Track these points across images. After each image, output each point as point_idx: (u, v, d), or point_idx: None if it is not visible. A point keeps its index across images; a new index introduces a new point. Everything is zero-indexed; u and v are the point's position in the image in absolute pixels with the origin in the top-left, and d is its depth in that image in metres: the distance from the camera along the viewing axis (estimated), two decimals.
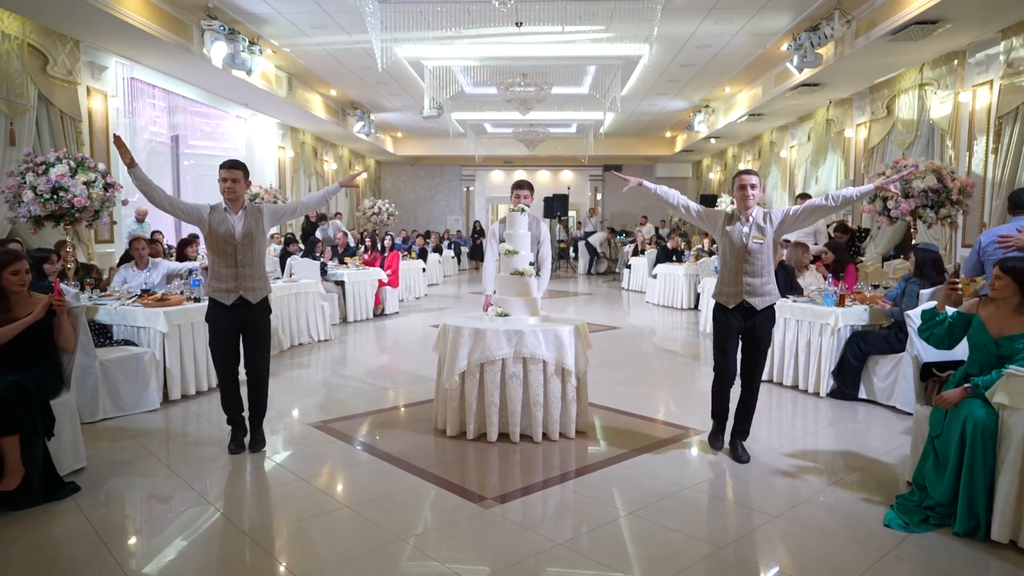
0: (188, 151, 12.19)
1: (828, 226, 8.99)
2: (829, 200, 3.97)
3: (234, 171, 4.13)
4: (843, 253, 7.44)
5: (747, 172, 4.06)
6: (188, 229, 9.55)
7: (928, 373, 3.68)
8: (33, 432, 3.40)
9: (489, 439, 4.36)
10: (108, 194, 6.04)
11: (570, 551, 3.00)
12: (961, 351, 3.51)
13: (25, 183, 5.66)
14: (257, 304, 4.16)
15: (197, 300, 5.65)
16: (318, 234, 11.86)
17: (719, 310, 4.13)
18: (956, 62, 8.57)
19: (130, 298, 5.62)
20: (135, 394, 5.00)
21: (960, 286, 3.36)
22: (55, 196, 5.67)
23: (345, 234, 11.62)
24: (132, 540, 3.13)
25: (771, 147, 15.32)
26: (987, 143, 7.97)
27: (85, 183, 5.79)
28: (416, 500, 3.56)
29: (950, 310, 3.40)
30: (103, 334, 5.31)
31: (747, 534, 3.19)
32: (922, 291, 4.97)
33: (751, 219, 4.02)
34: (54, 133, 7.88)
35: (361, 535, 3.15)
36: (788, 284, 6.11)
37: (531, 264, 4.69)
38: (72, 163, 5.83)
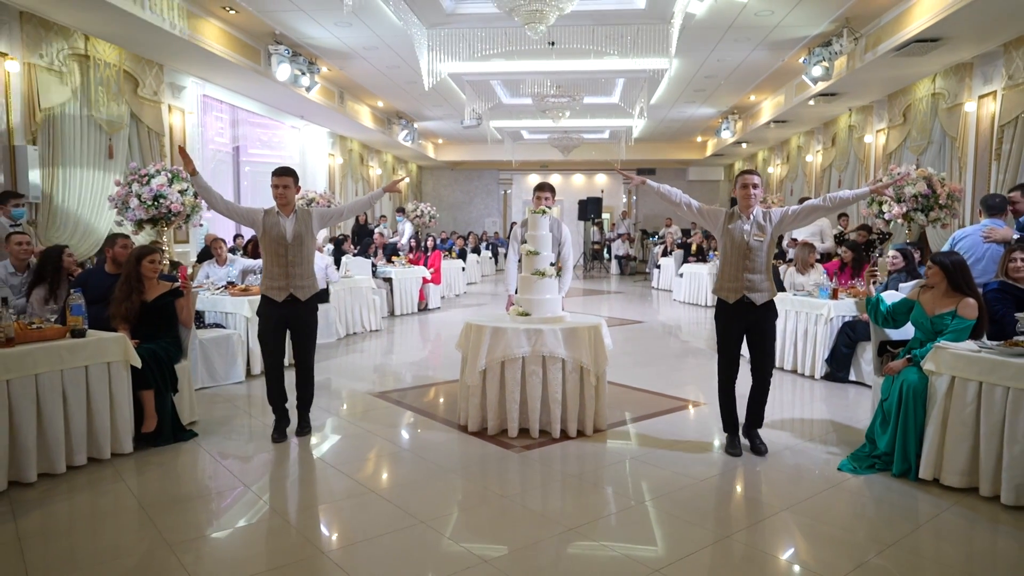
0: (247, 159, 13.34)
1: (845, 229, 9.56)
2: (826, 201, 4.16)
3: (285, 177, 4.41)
4: (860, 252, 8.08)
5: (749, 172, 4.17)
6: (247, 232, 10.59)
7: (884, 349, 4.41)
8: (164, 388, 4.37)
9: (510, 435, 4.49)
10: (198, 200, 7.06)
11: (581, 481, 3.84)
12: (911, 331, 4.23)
13: (131, 191, 6.72)
14: (306, 301, 4.43)
15: None
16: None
17: (721, 306, 4.25)
18: (964, 73, 9.11)
19: (218, 289, 6.63)
20: (225, 368, 6.00)
21: (878, 273, 4.09)
22: (156, 202, 6.71)
23: (381, 234, 12.58)
24: (243, 466, 4.07)
25: (798, 151, 15.84)
26: (991, 150, 8.51)
27: (180, 191, 6.83)
28: (461, 446, 4.43)
29: (894, 296, 4.12)
30: (197, 318, 6.30)
31: (725, 471, 3.98)
32: (901, 284, 5.65)
33: (752, 217, 4.13)
34: (142, 147, 8.97)
35: (421, 467, 4.05)
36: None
37: (552, 265, 4.80)
38: (169, 174, 6.88)
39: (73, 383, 3.84)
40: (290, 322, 4.46)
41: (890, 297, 4.33)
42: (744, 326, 4.19)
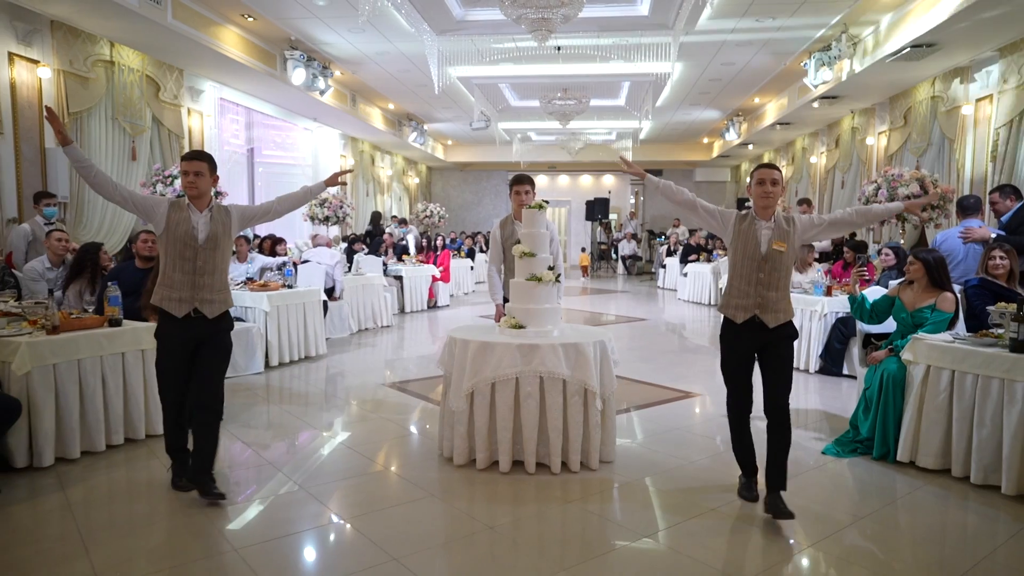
0: (260, 160, 13.69)
1: None
2: (855, 215, 3.55)
3: (196, 163, 3.49)
4: (864, 251, 8.34)
5: (767, 166, 3.45)
6: (270, 229, 10.91)
7: (868, 341, 4.66)
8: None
9: (501, 469, 3.88)
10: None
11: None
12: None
13: (156, 192, 7.05)
14: (214, 319, 3.53)
15: (290, 287, 6.97)
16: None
17: (726, 327, 3.51)
18: (961, 77, 9.32)
19: (237, 284, 6.95)
20: (246, 359, 6.31)
21: (866, 273, 4.33)
22: None
23: (391, 234, 12.91)
24: (267, 447, 4.37)
25: (803, 153, 16.04)
26: (987, 152, 8.72)
27: None
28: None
29: (877, 292, 4.37)
30: None
31: (717, 454, 4.26)
32: (891, 281, 5.89)
33: (772, 221, 3.40)
34: (163, 149, 9.32)
35: (436, 449, 4.34)
36: None
37: (550, 268, 4.16)
38: None
39: (111, 368, 4.16)
40: (197, 344, 3.52)
41: (873, 295, 4.58)
42: (754, 350, 3.46)
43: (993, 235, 5.08)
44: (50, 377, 3.85)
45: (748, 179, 3.40)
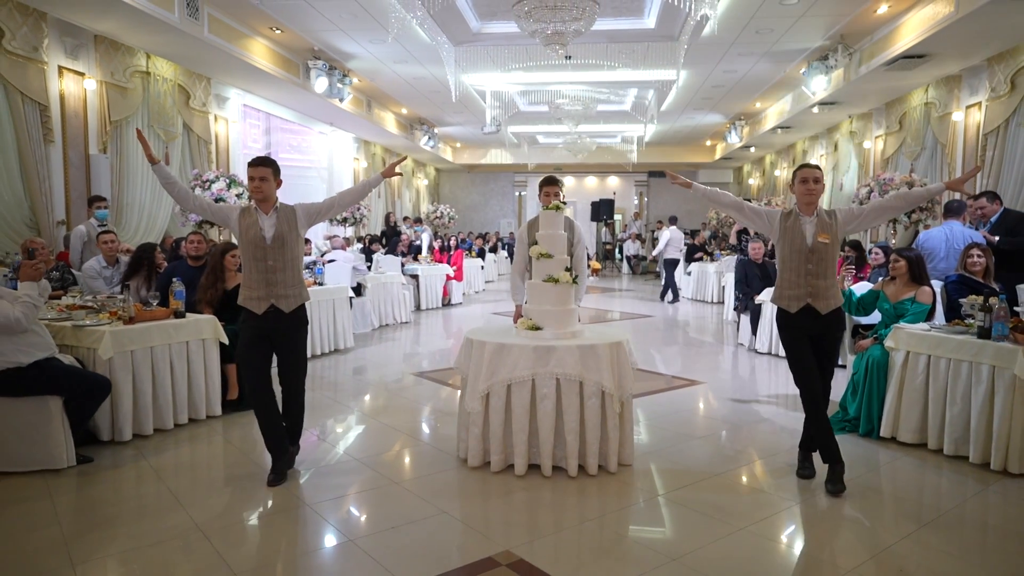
0: (277, 163, 14.17)
1: None
2: (896, 200, 3.83)
3: (261, 169, 3.77)
4: (862, 250, 8.81)
5: (809, 166, 3.78)
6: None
7: (856, 332, 5.14)
8: None
9: (517, 472, 3.84)
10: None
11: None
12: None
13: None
14: (290, 313, 3.81)
15: (321, 284, 7.46)
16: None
17: (782, 317, 3.82)
18: (953, 85, 9.78)
19: None
20: None
21: (854, 269, 4.81)
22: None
23: (406, 234, 13.43)
24: (313, 426, 4.86)
25: (803, 155, 16.48)
26: (976, 157, 9.18)
27: (237, 195, 7.65)
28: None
29: (863, 287, 4.85)
30: None
31: (719, 431, 4.74)
32: (880, 278, 6.36)
33: (815, 216, 3.72)
34: (192, 153, 9.83)
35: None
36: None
37: (567, 269, 4.17)
38: (227, 180, 7.70)
39: (178, 355, 4.66)
40: (273, 338, 3.84)
41: (860, 289, 5.06)
42: (811, 335, 3.78)
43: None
44: (128, 362, 4.35)
45: (791, 179, 3.83)
